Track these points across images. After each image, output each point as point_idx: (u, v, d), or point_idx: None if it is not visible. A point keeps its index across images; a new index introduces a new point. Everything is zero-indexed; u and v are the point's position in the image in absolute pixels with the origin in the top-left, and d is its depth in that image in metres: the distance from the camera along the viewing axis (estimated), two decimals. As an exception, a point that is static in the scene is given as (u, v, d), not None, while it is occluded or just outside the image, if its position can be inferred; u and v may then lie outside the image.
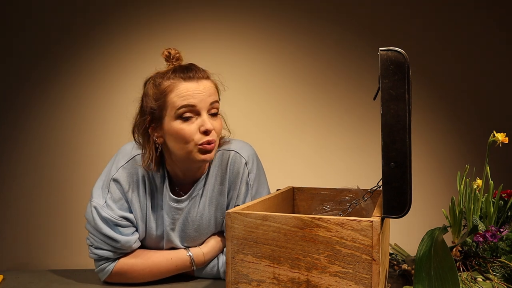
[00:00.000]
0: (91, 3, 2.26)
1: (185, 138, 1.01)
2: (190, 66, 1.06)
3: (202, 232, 1.14)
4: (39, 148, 2.26)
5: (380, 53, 0.71)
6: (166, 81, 1.03)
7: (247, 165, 1.14)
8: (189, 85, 1.02)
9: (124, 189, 1.08)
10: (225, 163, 1.14)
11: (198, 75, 1.04)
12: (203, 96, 1.02)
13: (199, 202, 1.13)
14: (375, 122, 2.19)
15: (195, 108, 1.01)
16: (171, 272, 1.11)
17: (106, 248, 1.06)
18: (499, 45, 2.24)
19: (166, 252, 1.13)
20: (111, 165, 1.12)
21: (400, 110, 0.71)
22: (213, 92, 1.06)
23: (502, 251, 1.04)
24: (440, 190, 2.21)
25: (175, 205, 1.10)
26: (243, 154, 1.15)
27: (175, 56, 1.08)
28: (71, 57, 2.26)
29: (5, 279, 1.12)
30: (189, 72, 1.04)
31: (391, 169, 0.72)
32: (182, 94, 1.01)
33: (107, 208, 1.07)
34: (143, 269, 1.09)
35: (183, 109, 1.01)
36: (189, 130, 1.01)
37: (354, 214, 0.90)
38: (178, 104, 1.00)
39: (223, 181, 1.14)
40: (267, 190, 1.20)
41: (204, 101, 1.02)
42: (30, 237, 2.26)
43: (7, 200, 2.27)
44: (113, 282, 1.09)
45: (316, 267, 0.72)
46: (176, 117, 1.01)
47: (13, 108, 2.27)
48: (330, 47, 2.27)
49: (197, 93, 1.01)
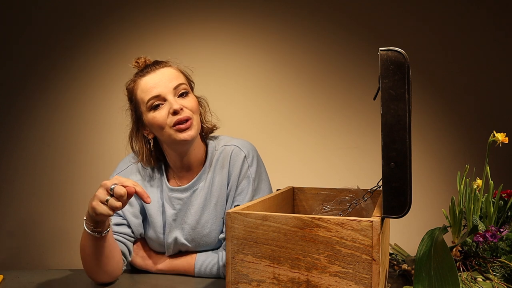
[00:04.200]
0: (90, 5, 2.26)
1: (159, 124, 1.08)
2: (147, 65, 1.15)
3: (202, 223, 1.16)
4: (39, 148, 2.26)
5: (380, 53, 0.71)
6: (131, 83, 1.14)
7: (247, 159, 1.18)
8: (148, 78, 1.10)
9: None
10: (227, 157, 1.18)
11: (154, 67, 1.12)
12: (163, 83, 1.09)
13: (200, 194, 1.16)
14: (375, 122, 2.19)
15: (160, 97, 1.09)
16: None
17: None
18: (499, 45, 2.24)
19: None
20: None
21: (400, 110, 0.71)
22: (175, 77, 1.12)
23: (502, 251, 1.04)
24: (440, 190, 2.21)
25: (174, 194, 1.16)
26: (243, 149, 1.19)
27: (144, 63, 1.16)
28: (71, 58, 2.26)
29: (5, 279, 1.12)
30: (146, 68, 1.13)
31: (391, 169, 0.72)
32: (144, 88, 1.10)
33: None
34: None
35: (151, 101, 1.09)
36: (161, 116, 1.08)
37: (354, 214, 0.90)
38: (145, 99, 1.09)
39: (223, 174, 1.17)
40: (269, 188, 1.22)
41: (166, 87, 1.09)
42: (30, 237, 2.26)
43: (7, 200, 2.27)
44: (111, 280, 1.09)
45: (316, 267, 0.72)
46: (148, 109, 1.10)
47: (13, 108, 2.27)
48: (331, 47, 2.27)
49: (157, 82, 1.09)
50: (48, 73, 2.26)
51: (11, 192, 2.26)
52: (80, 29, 2.25)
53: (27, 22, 2.25)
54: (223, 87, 2.20)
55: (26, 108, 2.26)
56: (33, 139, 2.26)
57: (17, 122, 2.26)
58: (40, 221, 2.25)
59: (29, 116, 2.26)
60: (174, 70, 1.14)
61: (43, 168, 2.25)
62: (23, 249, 2.26)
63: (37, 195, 2.26)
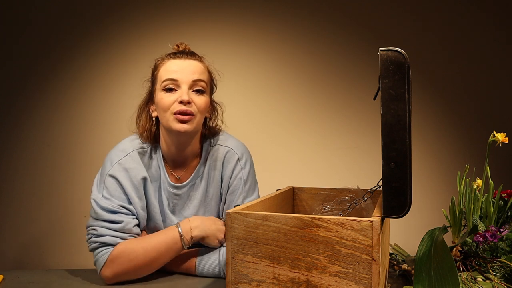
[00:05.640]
0: (90, 5, 2.26)
1: (164, 107, 1.10)
2: (182, 50, 1.18)
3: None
4: (39, 148, 2.26)
5: (380, 53, 0.71)
6: (160, 59, 1.17)
7: (240, 162, 1.21)
8: (175, 61, 1.13)
9: (120, 183, 1.12)
10: (221, 158, 1.21)
11: (187, 55, 1.15)
12: (186, 72, 1.11)
13: (197, 190, 1.20)
14: (375, 122, 2.19)
15: (177, 82, 1.11)
16: (163, 244, 1.09)
17: (107, 233, 1.07)
18: (499, 45, 2.25)
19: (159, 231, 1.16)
20: (106, 162, 1.16)
21: (400, 110, 0.71)
22: (200, 71, 1.14)
23: (502, 251, 1.04)
24: (440, 190, 2.21)
25: (173, 191, 1.18)
26: (237, 151, 1.22)
27: (183, 48, 1.19)
28: (71, 58, 2.26)
29: (5, 279, 1.12)
30: (180, 53, 1.16)
31: (391, 169, 0.72)
32: (167, 69, 1.12)
33: (105, 199, 1.10)
34: (136, 246, 1.07)
35: (166, 82, 1.11)
36: (168, 100, 1.10)
37: (354, 214, 0.90)
38: (163, 78, 1.12)
39: (217, 173, 1.21)
40: (257, 193, 1.25)
41: (186, 76, 1.11)
42: (30, 237, 2.26)
43: (7, 200, 2.27)
44: (110, 275, 1.06)
45: (316, 267, 0.72)
46: (161, 89, 1.12)
47: (13, 108, 2.27)
48: (331, 47, 2.27)
49: (181, 69, 1.11)
50: (48, 73, 2.26)
51: (11, 192, 2.26)
52: (80, 29, 2.25)
53: (27, 22, 2.25)
54: (223, 87, 2.19)
55: (26, 108, 2.26)
56: (33, 139, 2.26)
57: (17, 122, 2.26)
58: (40, 221, 2.25)
59: (29, 116, 2.26)
60: (202, 66, 1.16)
61: (43, 168, 2.25)
62: (23, 249, 2.26)
63: (37, 195, 2.25)
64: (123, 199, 1.12)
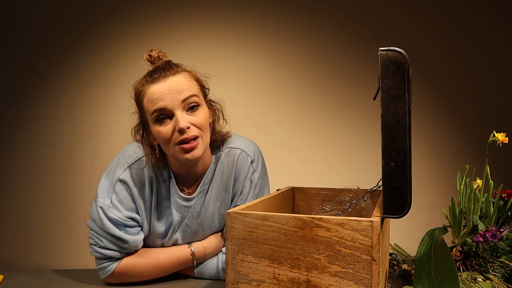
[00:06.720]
0: (90, 5, 2.26)
1: (164, 140, 1.02)
2: (158, 67, 1.04)
3: (205, 227, 1.15)
4: (39, 148, 2.26)
5: (380, 53, 0.71)
6: (139, 87, 1.04)
7: (252, 164, 1.16)
8: (155, 87, 1.00)
9: (130, 189, 1.09)
10: (232, 161, 1.15)
11: (164, 74, 1.02)
12: (172, 94, 0.99)
13: (205, 197, 1.15)
14: (375, 122, 2.19)
15: (166, 110, 1.00)
16: (173, 266, 1.12)
17: (112, 248, 1.06)
18: (499, 45, 2.25)
19: (168, 248, 1.15)
20: (116, 165, 1.12)
21: (400, 110, 0.71)
22: (185, 86, 1.02)
23: (502, 251, 1.04)
24: (440, 190, 2.21)
25: (184, 203, 1.12)
26: (249, 153, 1.16)
27: (157, 57, 1.06)
28: (71, 58, 2.26)
29: (5, 279, 1.12)
30: (155, 73, 1.02)
31: (391, 169, 0.72)
32: (151, 98, 1.00)
33: (114, 209, 1.07)
34: (146, 266, 1.09)
35: (156, 113, 1.00)
36: (166, 132, 1.00)
37: (354, 214, 0.90)
38: (150, 110, 1.01)
39: (229, 178, 1.15)
40: (268, 190, 1.22)
41: (173, 100, 0.99)
42: (30, 237, 2.26)
43: (7, 201, 2.27)
44: (113, 282, 1.09)
45: (316, 267, 0.72)
46: (154, 121, 1.02)
47: (13, 108, 2.27)
48: (331, 47, 2.27)
49: (165, 93, 0.99)
50: (48, 73, 2.26)
51: (11, 192, 2.26)
52: (80, 29, 2.25)
53: (27, 22, 2.25)
54: (223, 87, 2.19)
55: (26, 108, 2.26)
56: (33, 139, 2.26)
57: (17, 122, 2.26)
58: (40, 221, 2.25)
59: (29, 116, 2.26)
60: (185, 78, 1.03)
61: (43, 168, 2.25)
62: (23, 249, 2.26)
63: (37, 195, 2.25)
64: (131, 208, 1.09)
